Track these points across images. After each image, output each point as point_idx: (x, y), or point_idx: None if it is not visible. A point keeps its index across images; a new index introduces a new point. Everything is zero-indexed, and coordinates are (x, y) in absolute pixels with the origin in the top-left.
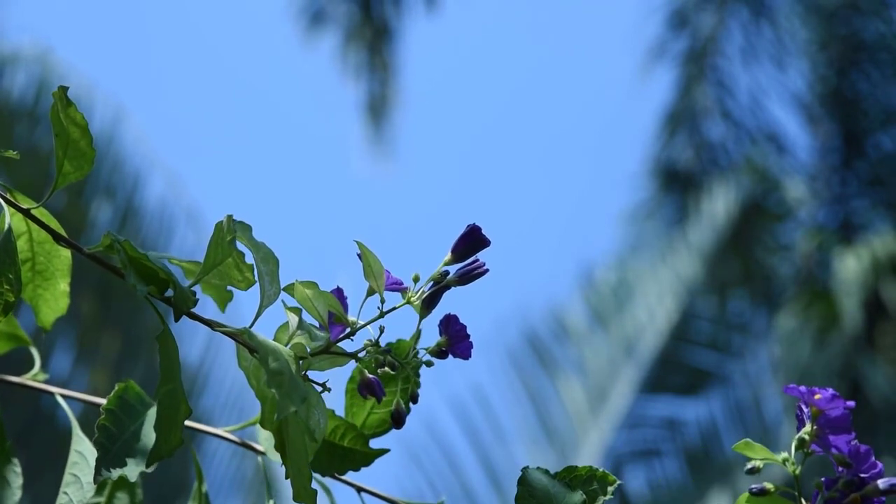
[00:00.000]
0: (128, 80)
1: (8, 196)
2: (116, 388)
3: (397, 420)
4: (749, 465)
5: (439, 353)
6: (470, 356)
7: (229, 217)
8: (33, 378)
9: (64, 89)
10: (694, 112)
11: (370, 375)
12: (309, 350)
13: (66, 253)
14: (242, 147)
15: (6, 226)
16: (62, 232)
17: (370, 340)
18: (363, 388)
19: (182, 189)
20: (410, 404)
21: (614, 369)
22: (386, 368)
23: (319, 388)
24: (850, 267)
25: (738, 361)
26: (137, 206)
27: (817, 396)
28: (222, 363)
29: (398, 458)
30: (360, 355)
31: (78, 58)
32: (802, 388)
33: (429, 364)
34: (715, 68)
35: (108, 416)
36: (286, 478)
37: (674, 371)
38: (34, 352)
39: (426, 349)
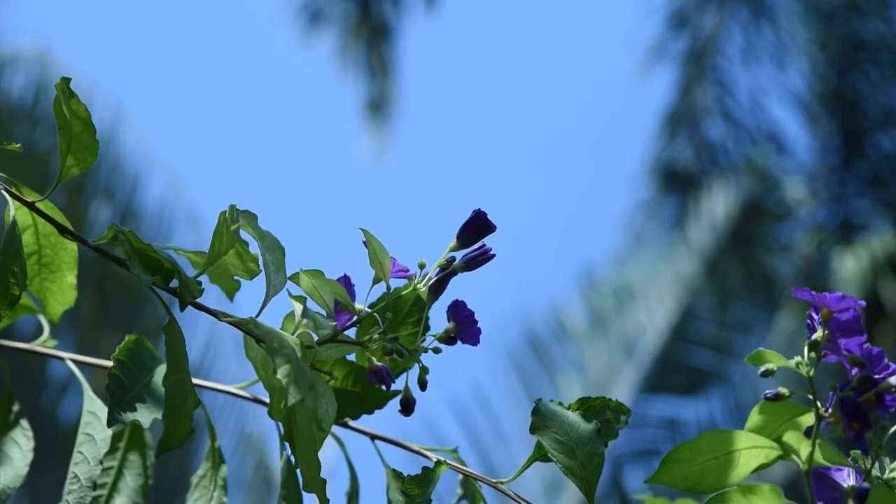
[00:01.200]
0: (127, 80)
1: (13, 189)
2: (126, 339)
3: (406, 407)
4: (763, 368)
5: (447, 339)
6: (478, 342)
7: (233, 206)
8: (42, 344)
9: (67, 81)
10: (694, 112)
11: (378, 363)
12: (315, 338)
13: (72, 246)
14: (242, 147)
15: (11, 219)
16: (67, 224)
17: (377, 327)
18: (372, 376)
19: (182, 189)
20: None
21: (614, 369)
22: (394, 356)
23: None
24: (849, 267)
25: (738, 361)
26: (137, 207)
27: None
28: (222, 361)
29: (398, 457)
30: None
31: (77, 58)
32: (812, 291)
33: (437, 350)
34: (715, 68)
35: (118, 365)
36: (295, 467)
37: (674, 371)
38: (42, 319)
39: (434, 335)
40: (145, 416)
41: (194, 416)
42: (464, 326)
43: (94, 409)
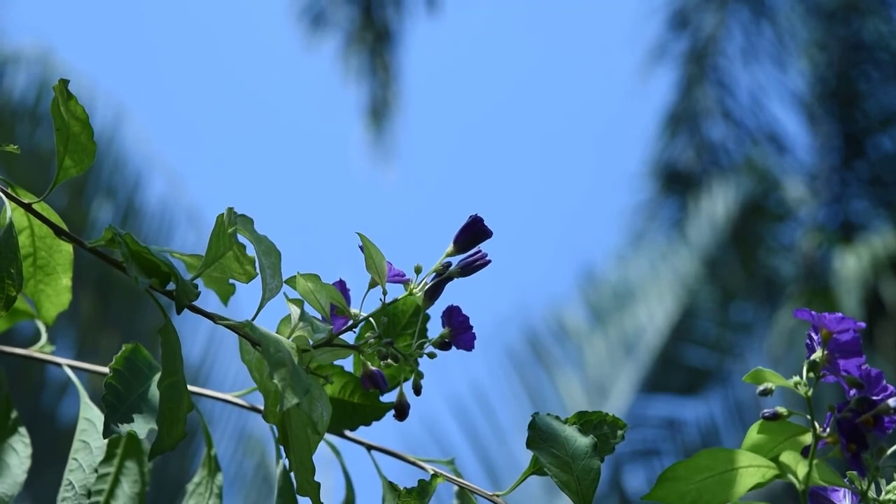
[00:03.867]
0: (128, 80)
1: (9, 191)
2: (124, 348)
3: (400, 412)
4: (761, 387)
5: (442, 344)
6: (473, 347)
7: (230, 209)
8: (40, 350)
9: (65, 83)
10: (695, 112)
11: (373, 368)
12: (311, 342)
13: (67, 248)
14: (244, 148)
15: (7, 220)
16: (63, 226)
17: (373, 332)
18: (366, 381)
19: (183, 189)
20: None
21: (614, 369)
22: (389, 360)
23: (322, 381)
24: (849, 266)
25: (738, 361)
26: (138, 206)
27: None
28: (223, 361)
29: (394, 468)
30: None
31: (78, 58)
32: (812, 312)
33: (431, 356)
34: (716, 68)
35: (115, 375)
36: (289, 470)
37: (674, 371)
38: (40, 325)
39: (429, 340)
40: (141, 426)
41: (192, 419)
42: (458, 332)
43: (90, 417)
